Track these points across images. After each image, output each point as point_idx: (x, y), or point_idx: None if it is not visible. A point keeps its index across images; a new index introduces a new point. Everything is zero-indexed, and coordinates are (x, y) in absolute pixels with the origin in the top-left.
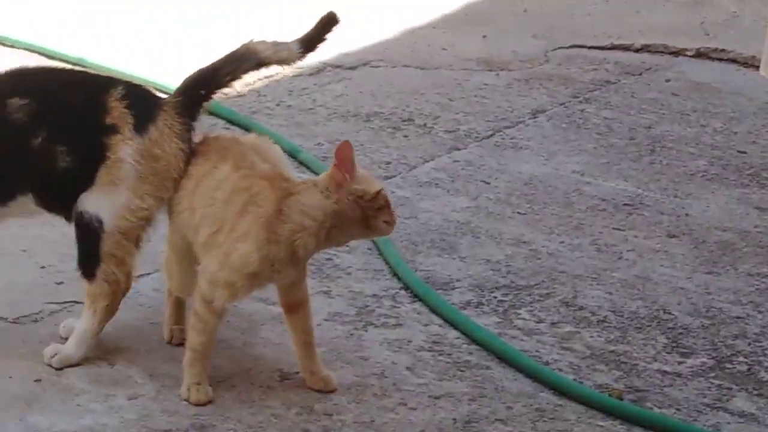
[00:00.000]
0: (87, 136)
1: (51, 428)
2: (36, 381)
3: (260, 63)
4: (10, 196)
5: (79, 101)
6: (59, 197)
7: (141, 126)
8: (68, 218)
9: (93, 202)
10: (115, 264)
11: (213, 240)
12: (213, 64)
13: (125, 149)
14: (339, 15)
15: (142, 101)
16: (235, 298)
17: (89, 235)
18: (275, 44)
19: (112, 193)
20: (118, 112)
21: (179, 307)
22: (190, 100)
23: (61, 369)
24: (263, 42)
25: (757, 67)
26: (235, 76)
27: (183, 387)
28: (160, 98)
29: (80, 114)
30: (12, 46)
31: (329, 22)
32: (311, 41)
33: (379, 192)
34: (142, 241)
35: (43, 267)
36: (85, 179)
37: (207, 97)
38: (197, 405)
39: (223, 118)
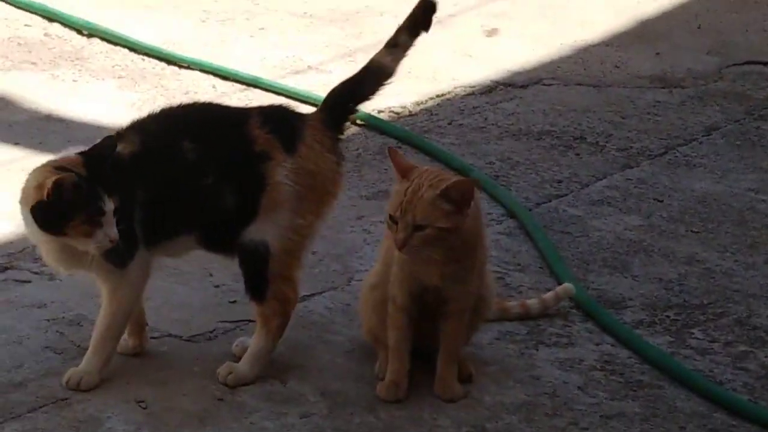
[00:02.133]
0: (244, 169)
1: None
2: (216, 399)
3: (389, 74)
4: (175, 234)
5: (230, 136)
6: (223, 234)
7: (290, 146)
8: (227, 254)
9: (257, 229)
10: (283, 282)
11: None
12: (353, 77)
13: (281, 172)
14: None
15: (283, 122)
16: (403, 289)
17: (256, 262)
18: (389, 50)
19: (275, 217)
20: (263, 138)
21: None
22: (336, 113)
23: (234, 387)
24: (381, 53)
25: None
26: (375, 90)
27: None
28: (303, 115)
29: (234, 149)
30: (188, 67)
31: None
32: (414, 27)
33: None
34: (305, 255)
35: (217, 286)
36: (249, 212)
37: (353, 110)
38: (383, 400)
39: (395, 137)
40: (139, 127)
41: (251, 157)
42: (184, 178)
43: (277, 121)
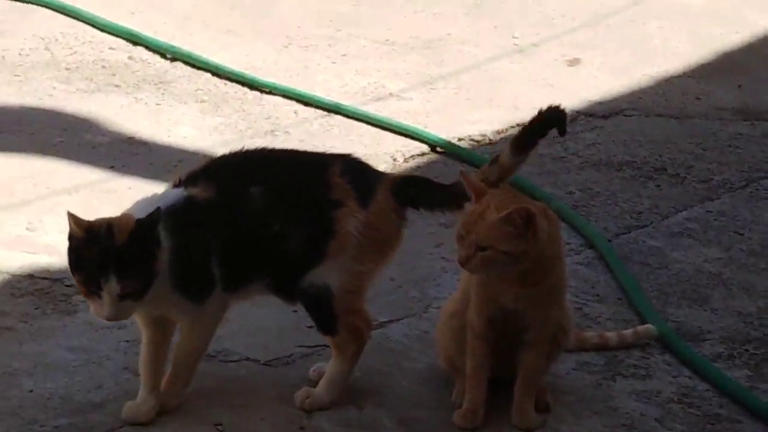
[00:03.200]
0: (317, 215)
1: None
2: (293, 424)
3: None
4: (248, 281)
5: (305, 182)
6: (292, 277)
7: (363, 200)
8: (291, 300)
9: (319, 273)
10: (350, 315)
11: None
12: (438, 184)
13: (351, 222)
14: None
15: (361, 175)
16: (482, 315)
17: (321, 302)
18: (484, 169)
19: (337, 262)
20: (341, 188)
21: None
22: (404, 192)
23: (311, 412)
24: (473, 172)
25: None
26: (444, 206)
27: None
28: (379, 173)
29: (308, 195)
30: (270, 92)
31: (552, 118)
32: (524, 143)
33: None
34: (366, 292)
35: (294, 311)
36: (316, 256)
37: (414, 203)
38: (460, 428)
39: (475, 166)
40: (216, 168)
41: (327, 203)
42: (257, 225)
43: (357, 172)
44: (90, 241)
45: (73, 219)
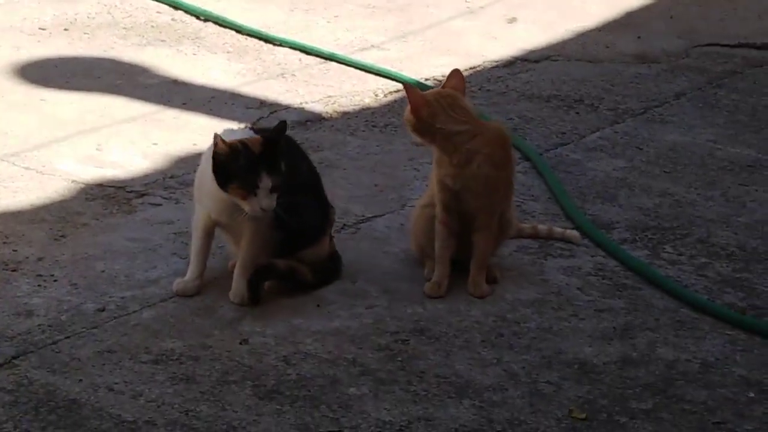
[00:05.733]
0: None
1: (309, 328)
2: (315, 305)
3: None
4: None
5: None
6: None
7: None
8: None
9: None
10: None
11: None
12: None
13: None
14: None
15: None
16: (444, 209)
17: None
18: None
19: None
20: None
21: None
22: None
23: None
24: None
25: None
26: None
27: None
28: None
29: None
30: (280, 45)
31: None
32: None
33: None
34: None
35: None
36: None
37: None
38: (429, 296)
39: None
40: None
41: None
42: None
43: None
44: (236, 155)
45: (219, 139)
